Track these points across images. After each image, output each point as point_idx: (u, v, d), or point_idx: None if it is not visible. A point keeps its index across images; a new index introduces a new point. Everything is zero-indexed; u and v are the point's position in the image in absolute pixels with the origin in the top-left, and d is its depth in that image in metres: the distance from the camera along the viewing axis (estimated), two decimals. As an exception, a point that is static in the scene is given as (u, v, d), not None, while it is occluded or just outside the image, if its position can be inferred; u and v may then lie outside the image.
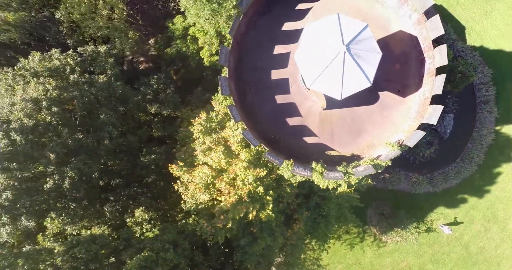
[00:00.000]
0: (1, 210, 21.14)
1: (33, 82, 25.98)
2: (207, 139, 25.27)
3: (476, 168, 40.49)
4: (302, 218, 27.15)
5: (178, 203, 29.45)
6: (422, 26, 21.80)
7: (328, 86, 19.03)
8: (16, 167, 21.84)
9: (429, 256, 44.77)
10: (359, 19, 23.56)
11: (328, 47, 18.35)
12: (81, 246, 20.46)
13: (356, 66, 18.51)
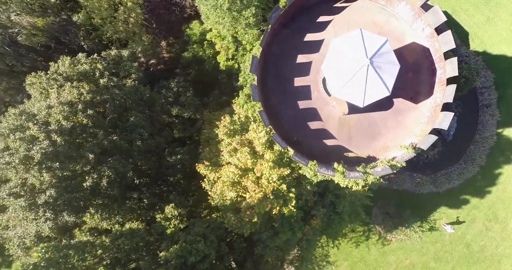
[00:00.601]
0: (45, 206, 23.53)
1: (68, 86, 28.33)
2: (233, 141, 27.84)
3: (478, 169, 43.28)
4: (319, 215, 29.87)
5: (200, 200, 32.00)
6: (434, 40, 24.53)
7: (352, 95, 21.69)
8: (58, 166, 24.22)
9: (432, 254, 47.42)
10: (375, 31, 26.28)
11: (353, 60, 21.00)
12: (124, 237, 22.95)
13: (377, 77, 21.19)
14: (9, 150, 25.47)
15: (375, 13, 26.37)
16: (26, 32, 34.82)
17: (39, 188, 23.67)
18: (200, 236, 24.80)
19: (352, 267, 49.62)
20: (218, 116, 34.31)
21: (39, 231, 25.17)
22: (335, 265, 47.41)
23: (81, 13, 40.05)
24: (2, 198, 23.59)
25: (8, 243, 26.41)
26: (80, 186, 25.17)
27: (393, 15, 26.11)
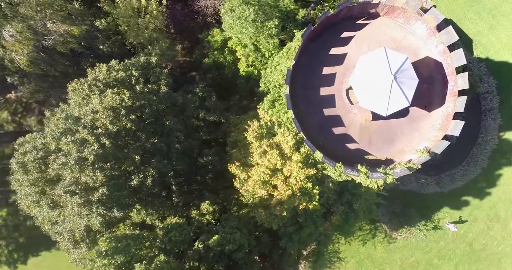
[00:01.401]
0: (98, 203, 26.89)
1: (110, 92, 31.67)
2: (263, 144, 31.45)
3: (481, 171, 47.26)
4: (338, 211, 33.63)
5: (227, 198, 35.59)
6: (447, 56, 28.32)
7: (377, 105, 25.39)
8: (108, 167, 27.56)
9: (435, 252, 51.28)
10: (394, 45, 30.03)
11: (379, 75, 24.70)
12: (175, 230, 26.46)
13: (399, 90, 24.91)
14: (61, 151, 28.77)
15: (393, 30, 30.11)
16: (62, 40, 38.03)
17: (92, 186, 27.03)
18: (234, 229, 28.43)
19: (359, 263, 53.23)
20: (243, 120, 37.89)
21: (89, 226, 28.54)
22: (345, 261, 51.13)
23: (108, 19, 43.30)
24: (59, 195, 26.88)
25: (58, 236, 29.70)
26: (127, 184, 28.59)
27: (410, 32, 29.86)
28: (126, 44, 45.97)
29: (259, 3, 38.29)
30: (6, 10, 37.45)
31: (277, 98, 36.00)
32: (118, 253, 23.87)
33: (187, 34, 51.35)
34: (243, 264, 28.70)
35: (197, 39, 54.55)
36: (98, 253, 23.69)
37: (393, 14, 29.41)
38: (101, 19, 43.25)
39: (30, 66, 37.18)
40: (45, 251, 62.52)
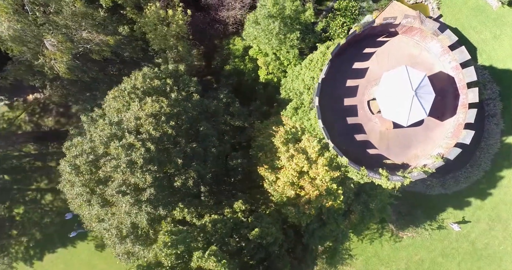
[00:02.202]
0: (147, 202, 30.65)
1: (150, 100, 35.32)
2: (290, 148, 35.37)
3: (483, 174, 51.50)
4: (357, 210, 37.74)
5: (253, 197, 39.52)
6: (459, 71, 32.39)
7: (398, 116, 29.39)
8: (156, 169, 31.28)
9: (439, 250, 55.47)
10: (411, 61, 34.06)
11: (401, 90, 28.70)
12: (220, 224, 30.51)
13: (419, 104, 28.92)
14: (109, 155, 32.44)
15: (411, 47, 34.14)
16: (98, 49, 41.57)
17: (141, 187, 30.75)
18: (269, 224, 32.51)
19: (367, 261, 57.38)
20: (266, 125, 41.78)
21: (134, 223, 32.29)
22: (355, 258, 55.29)
23: (134, 26, 46.86)
24: (111, 195, 30.55)
25: (106, 233, 33.41)
26: (171, 185, 32.38)
27: (426, 49, 33.89)
28: (149, 50, 49.46)
29: (281, 16, 42.12)
30: (45, 20, 40.81)
31: (300, 105, 39.94)
32: (180, 243, 27.74)
33: (206, 41, 54.98)
34: (275, 257, 32.66)
35: (214, 45, 58.24)
36: (163, 244, 27.46)
37: (411, 33, 33.43)
38: (124, 25, 46.80)
39: (68, 73, 40.67)
40: (61, 248, 65.83)
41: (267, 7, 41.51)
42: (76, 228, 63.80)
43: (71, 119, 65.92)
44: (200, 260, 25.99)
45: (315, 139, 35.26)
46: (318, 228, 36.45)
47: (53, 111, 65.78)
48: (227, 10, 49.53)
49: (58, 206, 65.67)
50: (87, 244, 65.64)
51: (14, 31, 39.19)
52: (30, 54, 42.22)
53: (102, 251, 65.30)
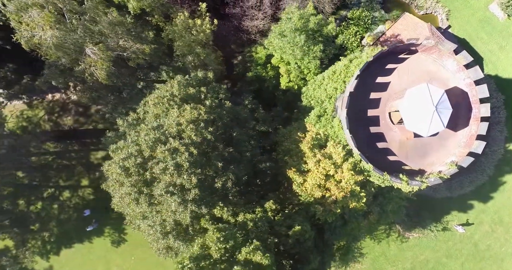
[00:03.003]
0: (192, 202, 34.89)
1: (189, 107, 39.47)
2: (317, 153, 39.82)
3: (487, 178, 56.24)
4: (375, 211, 42.40)
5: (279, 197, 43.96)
6: (472, 88, 37.00)
7: (419, 128, 33.91)
8: (199, 172, 35.49)
9: (444, 251, 60.06)
10: (428, 77, 38.59)
11: (423, 106, 33.22)
12: (260, 222, 35.03)
13: (438, 117, 33.47)
14: (155, 158, 36.61)
15: (429, 63, 38.68)
16: (134, 56, 45.58)
17: (187, 187, 34.98)
18: (303, 222, 37.16)
19: (374, 260, 61.94)
20: (289, 131, 46.15)
21: (178, 220, 36.55)
22: (365, 257, 59.94)
23: (163, 35, 50.92)
24: (160, 194, 34.73)
25: (150, 229, 37.61)
26: (211, 186, 36.70)
27: (442, 66, 38.45)
28: (174, 55, 53.46)
29: (306, 30, 46.44)
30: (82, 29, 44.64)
31: (323, 113, 44.34)
32: (230, 239, 32.13)
33: (227, 48, 59.22)
34: (306, 251, 37.29)
35: (232, 51, 62.57)
36: (217, 239, 31.79)
37: (429, 51, 37.97)
38: (149, 31, 50.86)
39: (106, 79, 44.62)
40: (77, 243, 69.74)
41: (293, 20, 45.69)
42: (94, 223, 67.72)
43: (90, 118, 69.68)
44: (248, 254, 30.37)
45: (340, 145, 39.77)
46: (341, 226, 40.99)
47: (72, 110, 69.44)
48: (251, 20, 53.71)
49: (76, 203, 69.48)
50: (103, 240, 69.54)
51: (56, 39, 42.92)
52: (68, 60, 45.88)
53: (118, 247, 69.37)
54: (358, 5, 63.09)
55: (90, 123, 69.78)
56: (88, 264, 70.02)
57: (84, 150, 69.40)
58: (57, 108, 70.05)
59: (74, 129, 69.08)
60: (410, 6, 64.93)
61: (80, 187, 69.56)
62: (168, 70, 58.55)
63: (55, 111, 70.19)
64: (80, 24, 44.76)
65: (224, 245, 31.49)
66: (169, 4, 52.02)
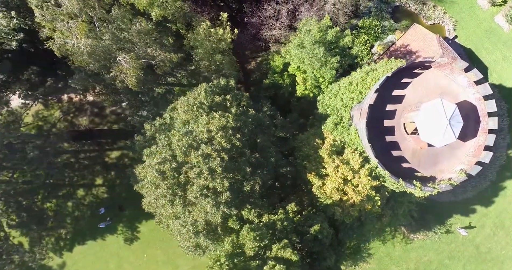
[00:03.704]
0: (224, 204, 38.99)
1: (217, 115, 43.46)
2: (336, 159, 44.10)
3: (489, 184, 60.84)
4: (387, 214, 46.85)
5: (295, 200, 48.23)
6: (481, 102, 41.40)
7: (433, 139, 38.26)
8: (230, 176, 39.59)
9: (447, 253, 64.40)
10: (440, 90, 42.93)
11: (437, 119, 37.56)
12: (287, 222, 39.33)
13: (451, 130, 37.84)
14: (188, 163, 40.64)
15: (441, 78, 43.01)
16: (162, 64, 49.47)
17: (219, 191, 39.09)
18: (322, 222, 41.55)
19: (380, 260, 66.16)
20: (307, 137, 50.36)
21: (209, 220, 40.66)
22: (373, 257, 64.25)
23: (185, 43, 54.81)
24: (195, 197, 38.77)
25: (182, 228, 41.62)
26: (240, 190, 40.86)
27: (453, 81, 42.81)
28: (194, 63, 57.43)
29: (324, 42, 50.58)
30: (112, 37, 48.39)
31: (339, 121, 48.59)
32: (264, 238, 36.42)
33: (243, 54, 63.29)
34: (324, 249, 41.74)
35: (247, 57, 66.65)
36: (253, 237, 36.05)
37: (442, 68, 42.30)
38: (168, 37, 54.81)
39: (135, 86, 48.54)
40: (91, 241, 73.46)
41: (312, 33, 49.82)
42: (108, 221, 71.56)
43: (105, 119, 73.37)
44: (279, 251, 34.65)
45: (357, 152, 44.12)
46: (357, 227, 45.42)
47: (88, 111, 73.03)
48: (269, 30, 57.74)
49: (90, 201, 73.21)
50: (116, 237, 73.39)
51: (90, 47, 46.69)
52: (96, 66, 49.54)
53: (131, 245, 73.20)
54: (369, 15, 67.42)
55: (105, 124, 73.48)
56: (100, 261, 73.66)
57: (99, 150, 73.12)
58: (73, 109, 73.60)
59: (89, 130, 72.72)
60: (418, 16, 69.27)
61: (94, 186, 73.35)
62: (184, 75, 62.53)
63: (71, 111, 73.75)
64: (109, 32, 48.43)
65: (258, 243, 35.65)
66: (192, 13, 55.81)
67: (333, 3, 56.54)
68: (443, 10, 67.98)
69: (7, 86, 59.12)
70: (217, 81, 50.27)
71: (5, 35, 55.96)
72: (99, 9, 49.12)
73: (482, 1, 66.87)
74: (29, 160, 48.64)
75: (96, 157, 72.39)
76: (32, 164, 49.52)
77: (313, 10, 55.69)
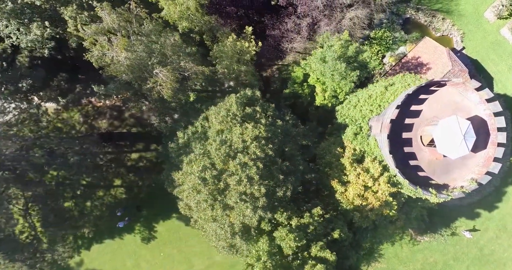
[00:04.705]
0: (261, 208, 44.84)
1: (250, 126, 49.16)
2: (358, 168, 50.20)
3: (493, 189, 67.08)
4: (402, 219, 53.19)
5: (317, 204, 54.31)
6: (491, 118, 47.68)
7: (450, 152, 44.51)
8: (267, 183, 45.46)
9: (452, 254, 70.22)
10: (454, 106, 49.15)
11: (453, 134, 43.77)
12: (320, 225, 45.47)
13: (465, 144, 44.10)
14: (227, 171, 46.40)
15: (455, 95, 49.23)
16: (194, 77, 55.00)
17: (256, 196, 44.95)
18: (343, 226, 47.73)
19: (388, 260, 71.89)
20: (328, 145, 56.38)
21: (244, 222, 46.51)
22: (383, 257, 70.15)
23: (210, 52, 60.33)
24: (235, 202, 44.56)
25: (220, 230, 47.34)
26: (273, 195, 46.79)
27: (466, 98, 49.03)
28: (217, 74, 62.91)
29: (345, 57, 56.48)
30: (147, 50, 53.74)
31: (359, 132, 54.63)
32: (302, 239, 42.54)
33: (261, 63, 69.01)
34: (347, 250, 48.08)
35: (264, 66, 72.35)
36: (293, 238, 42.13)
37: (456, 86, 48.53)
38: (192, 47, 60.39)
39: (170, 97, 54.08)
40: (108, 240, 78.62)
41: (334, 49, 55.62)
42: (126, 220, 76.92)
43: (124, 122, 78.57)
44: (319, 251, 40.79)
45: (377, 161, 50.28)
46: (372, 229, 51.67)
47: (107, 114, 78.14)
48: (289, 42, 63.49)
49: (108, 201, 78.40)
50: (133, 236, 78.77)
51: (129, 60, 52.08)
52: (132, 77, 54.84)
53: (148, 244, 78.61)
54: (380, 26, 73.43)
55: (124, 127, 78.73)
56: (118, 259, 78.94)
57: (118, 152, 78.37)
58: (93, 112, 78.69)
59: (109, 132, 77.89)
60: (428, 28, 75.38)
61: (113, 186, 78.59)
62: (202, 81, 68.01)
63: (91, 114, 78.82)
64: (143, 44, 53.82)
65: (296, 243, 41.75)
66: (218, 26, 61.33)
67: (350, 18, 62.27)
68: (452, 23, 73.78)
69: (38, 92, 64.15)
70: (243, 92, 55.61)
71: (38, 43, 60.79)
72: (136, 23, 54.56)
73: (489, 14, 72.68)
74: (70, 165, 53.87)
75: (115, 159, 77.48)
76: (73, 168, 54.80)
77: (332, 24, 61.35)
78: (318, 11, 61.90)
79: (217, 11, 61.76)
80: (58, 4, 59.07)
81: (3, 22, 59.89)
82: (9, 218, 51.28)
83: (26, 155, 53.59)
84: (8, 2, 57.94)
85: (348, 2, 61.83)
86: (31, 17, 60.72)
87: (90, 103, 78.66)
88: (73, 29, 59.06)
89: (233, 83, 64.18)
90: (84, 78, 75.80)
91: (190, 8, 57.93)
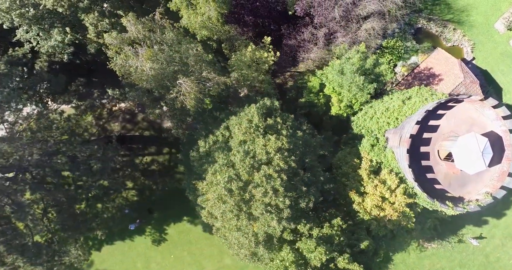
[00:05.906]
0: (285, 219, 46.97)
1: (273, 137, 51.13)
2: (375, 180, 52.49)
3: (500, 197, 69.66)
4: (417, 229, 55.68)
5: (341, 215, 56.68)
6: (507, 134, 50.08)
7: (468, 167, 46.91)
8: (290, 195, 47.57)
9: (458, 261, 72.80)
10: (470, 122, 51.52)
11: (471, 151, 46.12)
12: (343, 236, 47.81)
13: (482, 160, 46.50)
14: (252, 182, 48.42)
15: (472, 111, 51.60)
16: (216, 87, 56.76)
17: (281, 207, 47.06)
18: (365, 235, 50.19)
19: (395, 266, 74.35)
20: (344, 156, 58.59)
21: (269, 232, 48.65)
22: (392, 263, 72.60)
23: (229, 61, 62.10)
24: (261, 213, 46.66)
25: (244, 239, 49.42)
26: (296, 206, 48.95)
27: (482, 114, 51.42)
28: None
29: (362, 69, 58.55)
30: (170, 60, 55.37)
31: (375, 143, 56.89)
32: (331, 251, 44.85)
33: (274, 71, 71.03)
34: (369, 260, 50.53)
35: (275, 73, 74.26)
36: (324, 251, 44.44)
37: (473, 102, 50.89)
38: (208, 54, 62.18)
39: (193, 107, 55.86)
40: (119, 241, 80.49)
41: (352, 61, 57.66)
42: (138, 222, 78.82)
43: (136, 125, 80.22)
44: (347, 264, 43.11)
45: (394, 173, 52.60)
46: (390, 238, 54.15)
47: (120, 117, 79.71)
48: (306, 52, 65.46)
49: (119, 203, 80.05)
50: (144, 238, 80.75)
51: (154, 70, 53.75)
52: (154, 85, 56.50)
53: (158, 246, 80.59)
54: (392, 35, 75.61)
55: (137, 130, 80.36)
56: (128, 261, 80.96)
57: (131, 155, 79.98)
58: (106, 114, 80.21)
59: (122, 135, 79.48)
60: (439, 38, 77.68)
61: (124, 189, 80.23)
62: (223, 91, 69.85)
63: (103, 116, 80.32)
64: (165, 53, 55.47)
65: (327, 256, 44.07)
66: (237, 36, 63.12)
67: (366, 29, 64.31)
68: (462, 33, 76.10)
69: (56, 96, 65.63)
70: (263, 102, 57.58)
71: (58, 49, 62.17)
72: (159, 33, 56.21)
73: (499, 25, 75.14)
74: (94, 172, 55.60)
75: (130, 162, 79.08)
76: (96, 176, 56.53)
77: (348, 35, 63.37)
78: (334, 22, 63.72)
79: (236, 20, 63.44)
80: (79, 11, 60.28)
81: (24, 27, 61.04)
82: (35, 224, 52.76)
83: (49, 161, 55.06)
84: (31, 8, 58.99)
85: (365, 14, 63.66)
86: (52, 23, 61.89)
87: (102, 106, 79.98)
88: (94, 36, 60.58)
89: (248, 91, 65.97)
90: (98, 81, 77.26)
91: (212, 18, 59.48)
